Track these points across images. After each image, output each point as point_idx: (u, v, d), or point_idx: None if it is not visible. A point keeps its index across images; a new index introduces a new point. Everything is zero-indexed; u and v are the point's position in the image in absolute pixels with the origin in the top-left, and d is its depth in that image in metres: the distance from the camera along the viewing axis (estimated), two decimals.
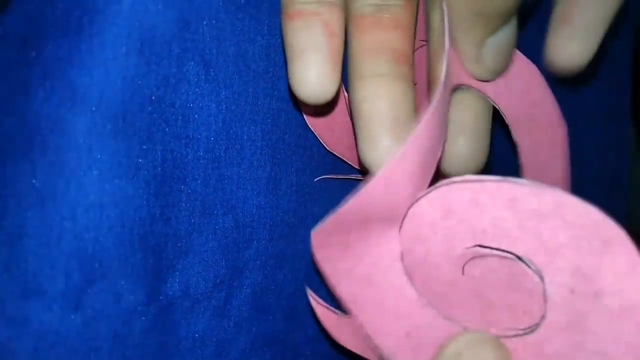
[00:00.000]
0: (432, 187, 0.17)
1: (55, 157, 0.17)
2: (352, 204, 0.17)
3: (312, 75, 0.18)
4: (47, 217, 0.17)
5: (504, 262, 0.17)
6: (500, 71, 0.20)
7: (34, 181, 0.17)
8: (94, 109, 0.18)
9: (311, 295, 0.21)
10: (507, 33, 0.19)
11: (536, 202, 0.16)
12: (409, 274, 0.18)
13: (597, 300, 0.15)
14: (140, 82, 0.18)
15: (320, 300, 0.21)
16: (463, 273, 0.18)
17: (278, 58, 0.22)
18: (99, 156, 0.18)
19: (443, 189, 0.17)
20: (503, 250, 0.17)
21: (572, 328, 0.16)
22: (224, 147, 0.21)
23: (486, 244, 0.17)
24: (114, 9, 0.18)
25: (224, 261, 0.21)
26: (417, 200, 0.17)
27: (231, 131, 0.21)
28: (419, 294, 0.18)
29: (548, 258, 0.16)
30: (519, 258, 0.17)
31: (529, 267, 0.17)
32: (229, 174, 0.21)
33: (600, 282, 0.15)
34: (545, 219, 0.16)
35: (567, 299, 0.16)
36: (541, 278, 0.16)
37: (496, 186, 0.16)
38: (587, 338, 0.16)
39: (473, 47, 0.19)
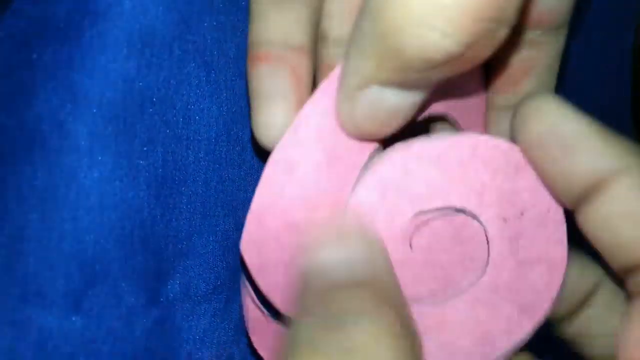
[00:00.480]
0: (364, 171, 0.17)
1: (56, 158, 0.17)
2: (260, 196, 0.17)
3: (277, 123, 0.17)
4: (48, 219, 0.17)
5: (446, 220, 0.18)
6: (364, 136, 0.16)
7: (34, 183, 0.17)
8: (94, 110, 0.18)
9: (247, 288, 0.19)
10: (407, 100, 0.15)
11: (457, 153, 0.17)
12: None
13: (523, 217, 0.18)
14: (141, 83, 0.18)
15: (255, 298, 0.19)
16: (411, 248, 0.18)
17: None
18: (99, 158, 0.18)
19: (376, 168, 0.17)
20: (441, 209, 0.18)
21: (513, 252, 0.18)
22: (224, 149, 0.21)
23: (425, 208, 0.17)
24: (114, 11, 0.18)
25: (224, 263, 0.21)
26: (353, 190, 0.17)
27: (232, 132, 0.21)
28: None
29: (478, 199, 0.17)
30: (457, 210, 0.18)
31: (466, 214, 0.18)
32: (229, 175, 0.21)
33: (521, 202, 0.17)
34: (467, 164, 0.17)
35: (502, 228, 0.18)
36: (478, 220, 0.18)
37: (421, 147, 0.17)
38: (524, 254, 0.18)
39: (353, 79, 0.15)
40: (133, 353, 0.19)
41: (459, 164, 0.17)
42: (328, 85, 0.17)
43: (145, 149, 0.19)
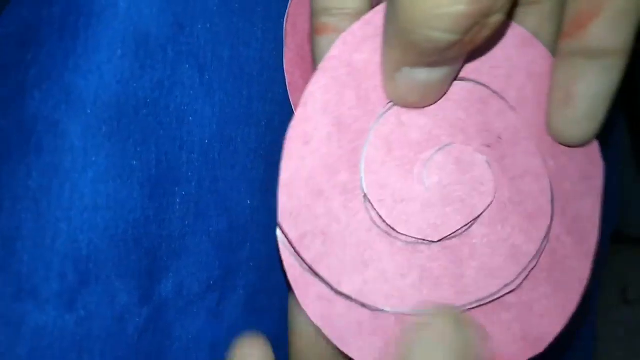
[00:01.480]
0: (371, 132, 0.19)
1: (50, 158, 0.17)
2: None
3: None
4: (42, 218, 0.17)
5: (446, 154, 0.19)
6: (413, 105, 0.19)
7: (29, 182, 0.17)
8: (89, 111, 0.18)
9: (282, 242, 0.19)
10: (435, 75, 0.17)
11: None
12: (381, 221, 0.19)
13: (502, 140, 0.19)
14: (135, 84, 0.18)
15: (290, 249, 0.19)
16: (427, 188, 0.19)
17: (272, 61, 0.22)
18: (93, 158, 0.18)
19: (377, 127, 0.19)
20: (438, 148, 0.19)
21: (504, 171, 0.19)
22: (218, 150, 0.21)
23: (426, 150, 0.19)
24: (109, 12, 0.18)
25: (217, 262, 0.21)
26: (364, 142, 0.19)
27: (225, 134, 0.21)
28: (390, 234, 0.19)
29: (463, 134, 0.19)
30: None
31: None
32: (223, 176, 0.21)
33: (495, 128, 0.19)
34: (444, 106, 0.19)
35: (489, 154, 0.19)
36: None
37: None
38: (512, 171, 0.19)
39: (388, 65, 0.17)
40: (125, 351, 0.19)
41: (438, 108, 0.19)
42: (327, 63, 0.18)
43: (139, 149, 0.19)
